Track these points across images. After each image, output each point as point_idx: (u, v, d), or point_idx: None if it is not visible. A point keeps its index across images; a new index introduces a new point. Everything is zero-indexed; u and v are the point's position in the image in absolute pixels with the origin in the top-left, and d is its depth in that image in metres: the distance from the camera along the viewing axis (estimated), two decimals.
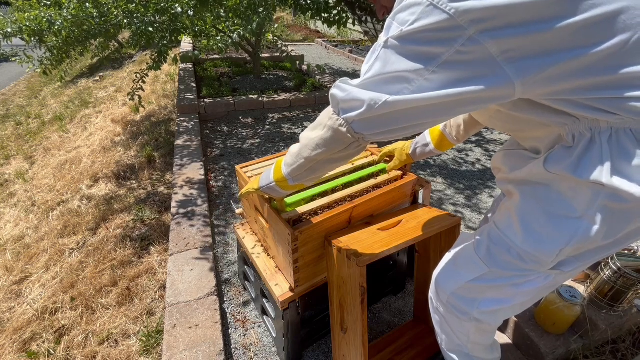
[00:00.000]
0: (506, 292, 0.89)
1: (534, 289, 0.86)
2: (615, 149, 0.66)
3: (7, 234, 2.53)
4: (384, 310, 1.62)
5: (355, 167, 1.40)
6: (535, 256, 0.80)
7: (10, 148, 4.34)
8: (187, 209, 2.17)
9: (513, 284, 0.87)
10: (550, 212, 0.77)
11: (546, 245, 0.77)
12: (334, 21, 3.70)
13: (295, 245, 1.09)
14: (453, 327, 1.05)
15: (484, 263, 0.89)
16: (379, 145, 1.48)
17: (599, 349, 1.37)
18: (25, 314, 1.74)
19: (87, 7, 2.89)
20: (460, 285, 0.94)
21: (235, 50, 5.97)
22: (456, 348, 1.13)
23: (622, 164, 0.66)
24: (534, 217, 0.79)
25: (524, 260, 0.82)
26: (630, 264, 1.28)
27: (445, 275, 1.01)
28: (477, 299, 0.93)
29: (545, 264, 0.80)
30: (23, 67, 3.32)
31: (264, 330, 1.51)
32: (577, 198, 0.72)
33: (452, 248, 1.03)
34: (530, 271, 0.83)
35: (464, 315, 0.97)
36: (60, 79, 3.59)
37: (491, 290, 0.90)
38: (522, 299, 0.90)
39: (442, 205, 2.39)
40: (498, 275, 0.87)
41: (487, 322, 0.96)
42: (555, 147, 0.74)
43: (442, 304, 1.03)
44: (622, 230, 0.73)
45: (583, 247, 0.77)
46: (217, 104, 3.76)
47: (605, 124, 0.66)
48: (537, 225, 0.78)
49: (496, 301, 0.91)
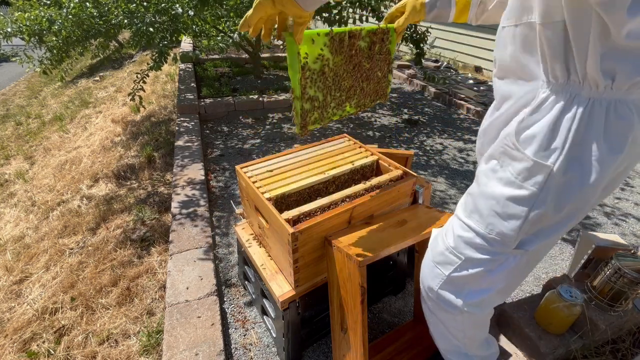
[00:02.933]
0: (484, 281, 0.93)
1: (508, 272, 0.91)
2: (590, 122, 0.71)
3: (7, 234, 2.53)
4: (384, 310, 1.62)
5: (355, 167, 1.40)
6: (497, 238, 0.86)
7: (10, 148, 4.34)
8: (187, 209, 2.17)
9: (488, 271, 0.91)
10: (503, 192, 0.83)
11: (505, 225, 0.84)
12: (334, 20, 3.69)
13: (295, 245, 1.09)
14: (447, 324, 1.07)
15: (455, 254, 0.94)
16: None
17: (598, 349, 1.37)
18: (25, 314, 1.74)
19: (87, 7, 2.89)
20: (443, 280, 0.98)
21: (235, 50, 5.96)
22: (454, 349, 1.13)
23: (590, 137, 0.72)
24: (490, 199, 0.86)
25: (490, 243, 0.88)
26: (630, 264, 1.28)
27: (427, 273, 1.04)
28: (461, 291, 0.97)
29: (509, 243, 0.86)
30: (23, 67, 3.31)
31: (264, 330, 1.51)
32: (528, 174, 0.78)
33: (429, 246, 1.07)
34: (499, 254, 0.88)
35: (454, 309, 0.99)
36: (60, 79, 3.59)
37: (471, 281, 0.94)
38: (500, 285, 0.94)
39: (443, 205, 2.39)
40: (472, 263, 0.92)
41: (476, 312, 0.99)
42: (524, 114, 0.78)
43: (432, 302, 1.05)
44: (569, 202, 0.78)
45: (539, 223, 0.82)
46: (217, 104, 3.76)
47: (592, 94, 0.70)
48: (494, 206, 0.85)
49: (478, 292, 0.95)
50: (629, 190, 2.67)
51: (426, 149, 3.21)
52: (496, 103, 0.90)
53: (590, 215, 2.36)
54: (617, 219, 2.34)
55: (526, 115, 0.77)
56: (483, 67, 5.81)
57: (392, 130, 3.58)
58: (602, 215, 2.36)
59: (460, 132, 3.62)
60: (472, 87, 4.84)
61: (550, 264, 1.93)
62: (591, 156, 0.72)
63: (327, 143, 1.57)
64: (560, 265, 1.92)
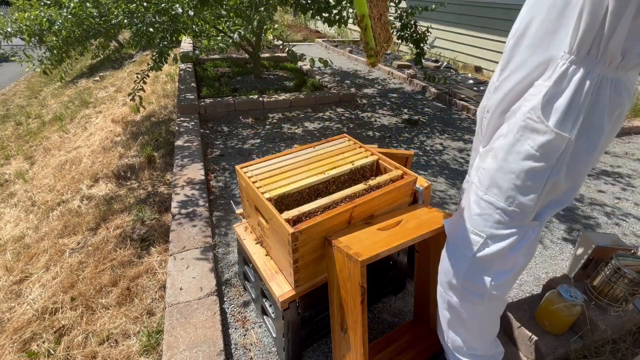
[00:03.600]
0: (509, 260, 0.97)
1: (527, 247, 0.96)
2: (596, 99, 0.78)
3: (7, 234, 2.52)
4: (384, 310, 1.62)
5: (355, 167, 1.40)
6: (517, 209, 0.90)
7: (10, 148, 4.34)
8: (187, 209, 2.17)
9: (511, 248, 0.94)
10: (523, 166, 0.87)
11: (524, 197, 0.89)
12: (334, 20, 3.69)
13: (295, 245, 1.09)
14: (466, 317, 1.08)
15: (477, 232, 0.97)
16: None
17: (598, 349, 1.37)
18: (25, 314, 1.74)
19: (87, 7, 2.89)
20: (468, 264, 1.00)
21: (235, 50, 5.97)
22: (466, 346, 1.14)
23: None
24: (509, 173, 0.90)
25: (510, 216, 0.92)
26: (630, 264, 1.28)
27: (450, 261, 1.06)
28: (488, 273, 0.99)
29: (528, 214, 0.91)
30: (23, 67, 3.32)
31: (264, 330, 1.51)
32: (549, 146, 0.83)
33: (447, 238, 1.09)
34: (519, 227, 0.93)
35: (479, 297, 1.01)
36: (60, 79, 3.59)
37: (497, 260, 0.97)
38: (521, 262, 0.99)
39: (443, 205, 2.39)
40: (494, 239, 0.95)
41: (499, 296, 1.02)
42: (546, 88, 0.81)
43: (456, 292, 1.06)
44: (578, 169, 0.86)
45: (552, 193, 0.90)
46: (217, 104, 3.76)
47: (603, 71, 0.76)
48: (514, 180, 0.89)
49: (503, 272, 0.98)
50: (630, 190, 2.67)
51: (426, 149, 3.21)
52: (508, 71, 0.92)
53: (590, 215, 2.36)
54: (617, 219, 2.34)
55: (549, 89, 0.81)
56: (483, 67, 5.80)
57: (392, 130, 3.58)
58: (602, 215, 2.36)
59: (460, 132, 3.62)
60: (472, 87, 4.84)
61: (550, 264, 1.93)
62: (598, 127, 0.80)
63: (327, 143, 1.57)
64: (560, 265, 1.92)
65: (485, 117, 1.04)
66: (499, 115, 0.97)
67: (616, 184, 2.76)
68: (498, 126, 0.98)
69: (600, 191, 2.65)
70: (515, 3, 4.96)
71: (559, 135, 0.81)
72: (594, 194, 2.61)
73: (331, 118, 3.83)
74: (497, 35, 5.42)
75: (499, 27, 5.34)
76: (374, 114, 4.01)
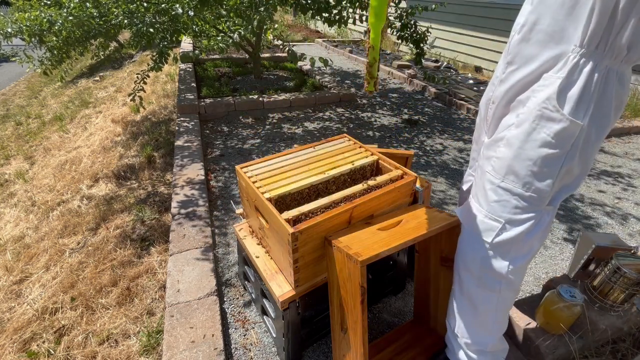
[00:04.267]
0: (525, 244, 1.01)
1: (542, 232, 1.01)
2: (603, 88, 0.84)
3: (7, 234, 2.53)
4: (384, 310, 1.62)
5: (355, 167, 1.40)
6: (534, 195, 0.95)
7: (10, 148, 4.34)
8: (187, 209, 2.17)
9: (527, 232, 0.99)
10: (539, 153, 0.92)
11: (541, 183, 0.94)
12: (334, 20, 3.69)
13: (295, 245, 1.09)
14: (482, 308, 1.10)
15: (495, 218, 1.01)
16: None
17: (599, 349, 1.37)
18: (25, 314, 1.74)
19: (87, 7, 2.89)
20: (487, 249, 1.03)
21: (235, 50, 5.97)
22: (478, 341, 1.15)
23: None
24: (526, 160, 0.94)
25: (527, 201, 0.96)
26: (630, 264, 1.28)
27: (468, 249, 1.09)
28: (506, 257, 1.02)
29: (544, 199, 0.96)
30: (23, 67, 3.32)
31: (264, 330, 1.51)
32: (564, 134, 0.88)
33: (462, 226, 1.12)
34: (535, 212, 0.97)
35: (497, 284, 1.04)
36: (60, 79, 3.59)
37: (514, 245, 1.00)
38: (535, 247, 1.03)
39: (443, 205, 2.39)
40: (512, 223, 0.99)
41: (516, 280, 1.06)
42: (559, 79, 0.86)
43: (474, 279, 1.08)
44: (588, 155, 0.93)
45: (565, 178, 0.96)
46: (217, 104, 3.76)
47: (610, 63, 0.82)
48: (531, 167, 0.94)
49: (520, 257, 1.02)
50: (630, 191, 2.67)
51: (426, 149, 3.21)
52: (515, 65, 0.97)
53: (590, 215, 2.36)
54: (618, 219, 2.34)
55: (562, 80, 0.86)
56: (483, 67, 5.81)
57: (392, 130, 3.58)
58: (602, 215, 2.36)
59: (460, 132, 3.62)
60: (472, 87, 4.84)
61: (550, 264, 1.93)
62: (606, 115, 0.88)
63: (327, 143, 1.57)
64: (560, 265, 1.92)
65: (490, 108, 1.09)
66: (504, 106, 1.03)
67: (616, 184, 2.76)
68: (502, 116, 1.04)
69: (600, 191, 2.65)
70: (514, 3, 4.96)
71: (573, 122, 0.86)
72: (594, 194, 2.61)
73: (331, 118, 3.84)
74: (497, 35, 5.42)
75: (498, 27, 5.34)
76: (374, 114, 4.01)
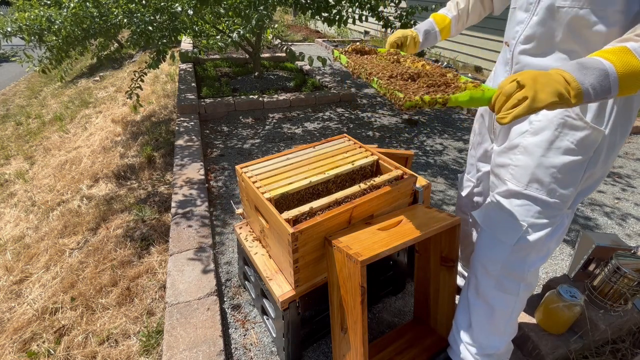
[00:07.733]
0: (544, 247, 1.03)
1: (560, 234, 1.04)
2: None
3: (7, 234, 2.52)
4: (384, 310, 1.62)
5: (355, 167, 1.40)
6: (558, 201, 0.97)
7: (10, 148, 4.34)
8: (187, 209, 2.17)
9: (547, 236, 1.01)
10: (563, 160, 0.93)
11: (565, 189, 0.96)
12: (334, 20, 3.69)
13: (295, 245, 1.09)
14: (498, 310, 1.10)
15: (520, 222, 1.01)
16: None
17: (598, 349, 1.37)
18: (25, 314, 1.74)
19: (87, 6, 2.89)
20: (509, 252, 1.04)
21: (235, 50, 5.96)
22: (487, 345, 1.15)
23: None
24: (550, 168, 0.95)
25: (551, 206, 0.98)
26: (630, 264, 1.28)
27: (488, 250, 1.09)
28: (525, 261, 1.04)
29: (566, 203, 0.99)
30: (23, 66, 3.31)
31: (264, 330, 1.51)
32: (587, 140, 0.90)
33: (482, 227, 1.12)
34: (557, 216, 1.00)
35: (516, 285, 1.06)
36: (60, 79, 3.59)
37: (534, 248, 1.02)
38: (553, 248, 1.06)
39: (443, 205, 2.39)
40: (535, 227, 1.00)
41: (533, 282, 1.09)
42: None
43: (493, 280, 1.09)
44: (609, 160, 0.95)
45: (586, 182, 0.98)
46: (217, 104, 3.76)
47: None
48: (555, 174, 0.95)
49: (538, 260, 1.05)
50: (630, 191, 2.67)
51: (426, 149, 3.21)
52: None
53: (590, 215, 2.36)
54: (617, 219, 2.34)
55: None
56: (483, 67, 5.80)
57: (392, 130, 3.58)
58: (602, 215, 2.36)
59: (460, 132, 3.62)
60: None
61: (550, 264, 1.93)
62: (628, 120, 0.91)
63: (327, 143, 1.57)
64: (560, 265, 1.92)
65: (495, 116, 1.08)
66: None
67: (616, 184, 2.76)
68: (511, 124, 1.03)
69: (600, 191, 2.65)
70: None
71: (596, 129, 0.88)
72: (593, 194, 2.61)
73: (331, 118, 3.83)
74: (497, 35, 5.41)
75: (498, 27, 5.34)
76: (374, 114, 4.01)
